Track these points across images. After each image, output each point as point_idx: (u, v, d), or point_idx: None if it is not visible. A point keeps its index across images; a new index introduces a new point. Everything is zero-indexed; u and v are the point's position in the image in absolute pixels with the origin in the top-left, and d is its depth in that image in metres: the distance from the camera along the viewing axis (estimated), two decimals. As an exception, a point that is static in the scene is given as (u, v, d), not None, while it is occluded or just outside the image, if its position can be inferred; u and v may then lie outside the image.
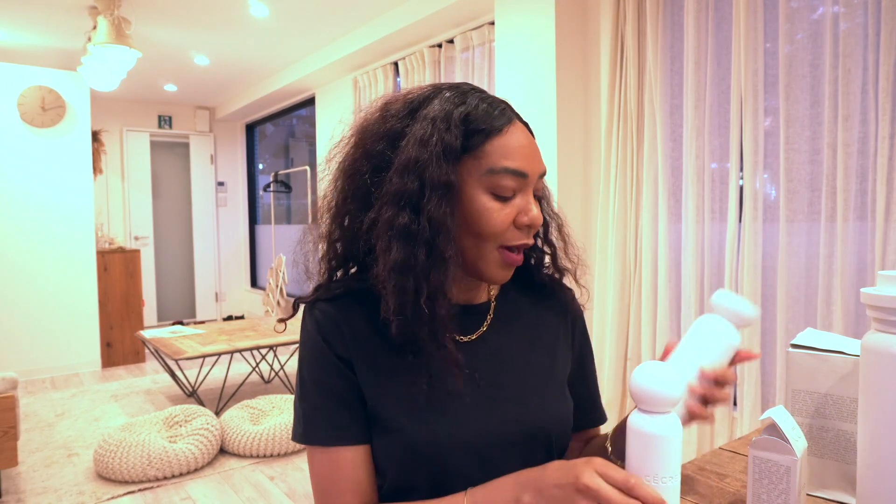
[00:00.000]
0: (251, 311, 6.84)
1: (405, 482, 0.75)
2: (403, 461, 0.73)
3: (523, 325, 0.84)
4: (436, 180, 0.69)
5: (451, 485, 0.73)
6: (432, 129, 0.71)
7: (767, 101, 2.26)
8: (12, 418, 2.52)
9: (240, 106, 6.11)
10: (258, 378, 4.33)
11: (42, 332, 4.56)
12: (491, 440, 0.75)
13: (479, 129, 0.72)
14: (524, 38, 2.89)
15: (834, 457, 0.75)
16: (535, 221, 0.72)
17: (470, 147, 0.72)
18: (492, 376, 0.78)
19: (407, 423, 0.73)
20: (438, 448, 0.73)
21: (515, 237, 0.73)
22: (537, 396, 0.79)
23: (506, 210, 0.72)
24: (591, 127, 2.88)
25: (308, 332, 0.76)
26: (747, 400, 2.31)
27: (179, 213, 6.81)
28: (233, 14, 3.77)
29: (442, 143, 0.70)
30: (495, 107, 0.74)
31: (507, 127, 0.73)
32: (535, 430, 0.77)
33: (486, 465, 0.75)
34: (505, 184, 0.71)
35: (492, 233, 0.72)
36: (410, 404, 0.74)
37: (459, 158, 0.72)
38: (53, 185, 4.56)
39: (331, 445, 0.73)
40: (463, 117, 0.72)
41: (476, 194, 0.72)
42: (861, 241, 2.02)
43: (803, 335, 0.81)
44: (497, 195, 0.72)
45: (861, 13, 1.97)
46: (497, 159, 0.71)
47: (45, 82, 4.51)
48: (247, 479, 2.76)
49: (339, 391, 0.74)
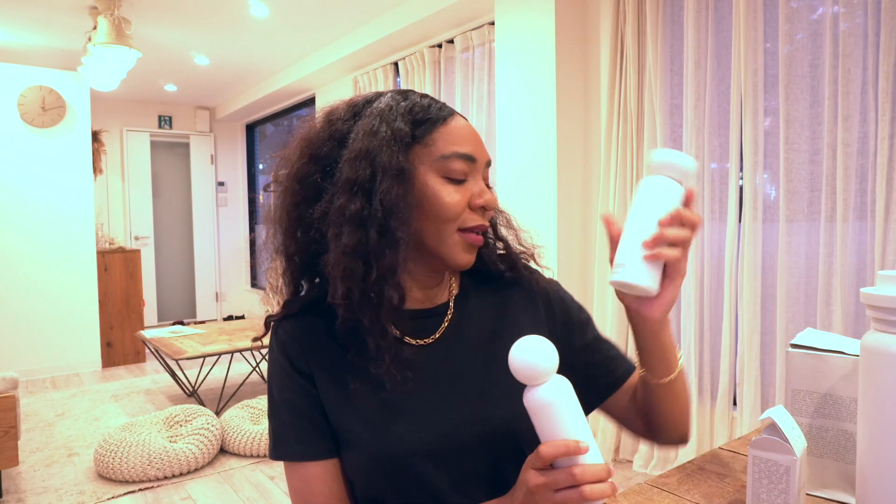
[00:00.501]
0: (251, 311, 6.84)
1: (374, 493, 0.75)
2: (369, 472, 0.74)
3: (485, 323, 0.83)
4: (387, 165, 0.71)
5: (418, 492, 0.73)
6: (380, 121, 0.74)
7: (767, 101, 2.26)
8: (13, 418, 2.53)
9: (240, 106, 6.11)
10: (258, 378, 4.33)
11: (42, 332, 4.57)
12: (451, 443, 0.74)
13: (425, 118, 0.75)
14: (524, 39, 2.89)
15: (834, 457, 0.75)
16: (489, 202, 0.75)
17: (418, 136, 0.75)
18: (451, 378, 0.78)
19: (365, 434, 0.74)
20: (399, 456, 0.73)
21: (472, 219, 0.75)
22: (499, 394, 0.77)
23: (460, 192, 0.74)
24: (591, 127, 2.88)
25: (272, 351, 0.79)
26: (747, 400, 2.32)
27: (179, 213, 6.81)
28: (233, 14, 3.77)
29: (391, 130, 0.73)
30: (436, 102, 0.79)
31: (450, 117, 0.77)
32: (498, 429, 0.76)
33: (451, 468, 0.74)
34: (456, 167, 0.74)
35: (449, 215, 0.74)
36: (367, 415, 0.74)
37: (409, 146, 0.74)
38: (53, 185, 4.56)
39: (299, 461, 0.75)
40: (408, 109, 0.76)
41: (429, 180, 0.74)
42: (861, 241, 2.03)
43: (803, 335, 0.81)
44: (450, 179, 0.74)
45: (861, 13, 1.97)
46: (446, 145, 0.74)
47: (45, 82, 4.51)
48: (247, 478, 2.77)
49: (304, 408, 0.76)
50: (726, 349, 2.39)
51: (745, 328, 2.32)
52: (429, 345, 0.80)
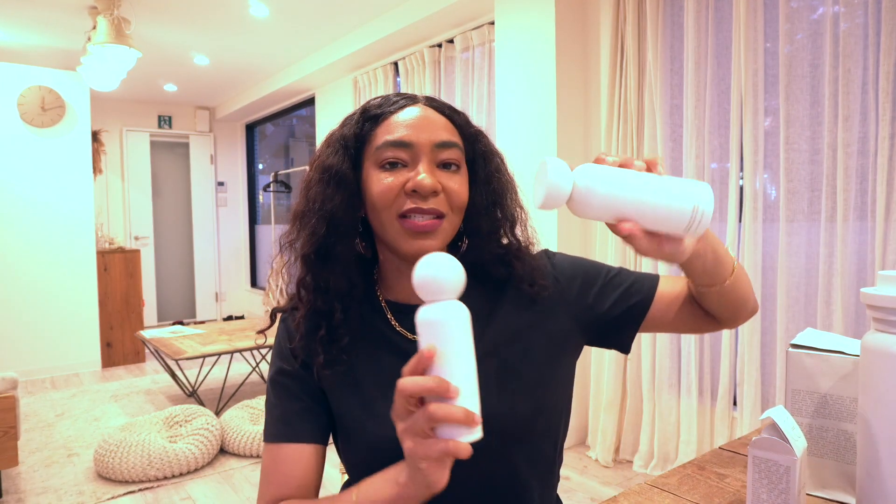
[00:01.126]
0: (251, 311, 6.84)
1: None
2: (368, 461, 0.74)
3: (485, 322, 0.82)
4: (333, 169, 0.77)
5: None
6: (339, 128, 0.81)
7: (767, 101, 2.26)
8: (12, 418, 2.52)
9: (240, 106, 6.11)
10: (258, 378, 4.33)
11: (42, 333, 4.56)
12: None
13: (371, 115, 0.78)
14: (524, 38, 2.89)
15: (834, 457, 0.75)
16: (417, 186, 0.73)
17: (364, 135, 0.78)
18: None
19: (367, 421, 0.76)
20: (397, 445, 0.73)
21: (405, 203, 0.74)
22: (498, 392, 0.77)
23: (391, 178, 0.74)
24: (591, 127, 2.87)
25: (277, 338, 0.83)
26: (747, 400, 2.31)
27: (179, 213, 6.81)
28: (233, 14, 3.77)
29: (341, 136, 0.78)
30: (391, 99, 0.79)
31: (401, 109, 0.77)
32: (494, 429, 0.75)
33: (454, 465, 0.74)
34: (387, 154, 0.75)
35: (379, 203, 0.75)
36: (369, 403, 0.76)
37: (359, 148, 0.78)
38: (53, 185, 4.56)
39: (273, 442, 0.78)
40: (361, 111, 0.79)
41: (370, 173, 0.76)
42: (861, 241, 2.02)
43: (803, 335, 0.81)
44: (383, 167, 0.75)
45: (861, 13, 1.97)
46: (381, 136, 0.76)
47: (45, 82, 4.51)
48: (247, 479, 2.76)
49: (295, 391, 0.79)
50: (726, 349, 2.39)
51: (746, 328, 2.32)
52: None
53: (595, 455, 2.84)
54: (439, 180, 0.75)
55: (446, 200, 0.75)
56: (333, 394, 0.79)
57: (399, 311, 0.82)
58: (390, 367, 0.75)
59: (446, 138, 0.76)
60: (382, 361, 0.79)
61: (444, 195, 0.75)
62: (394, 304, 0.83)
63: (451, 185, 0.76)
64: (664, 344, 2.62)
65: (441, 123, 0.77)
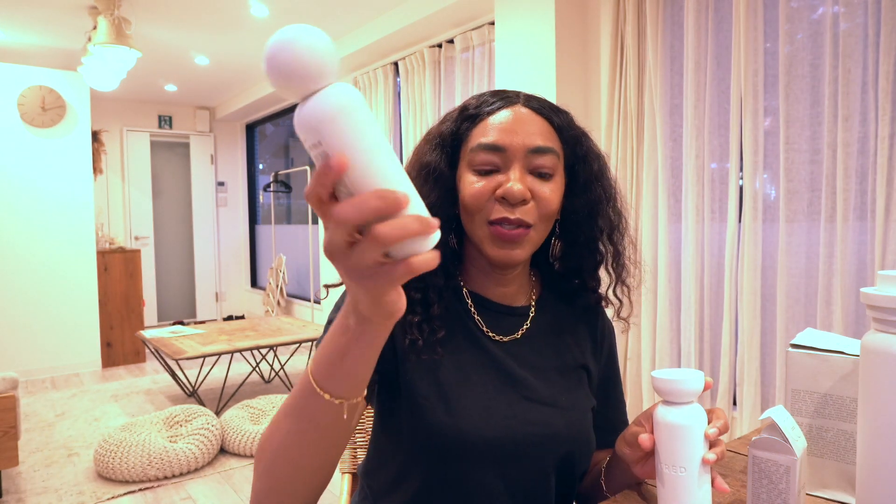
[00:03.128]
0: (251, 311, 6.84)
1: (415, 468, 0.75)
2: (427, 448, 0.74)
3: (558, 334, 0.85)
4: (431, 167, 0.76)
5: (462, 474, 0.74)
6: (436, 127, 0.80)
7: (767, 101, 2.26)
8: (12, 418, 2.52)
9: (240, 106, 6.10)
10: (258, 378, 4.33)
11: (42, 332, 4.56)
12: (510, 438, 0.75)
13: (468, 115, 0.77)
14: (524, 39, 2.89)
15: (834, 457, 0.75)
16: (507, 193, 0.71)
17: (461, 134, 0.77)
18: (522, 378, 0.79)
19: (438, 404, 0.75)
20: (461, 432, 0.74)
21: (496, 211, 0.73)
22: (562, 406, 0.79)
23: (482, 183, 0.74)
24: (591, 127, 2.85)
25: None
26: (747, 400, 2.31)
27: (179, 213, 6.81)
28: (233, 14, 3.77)
29: (439, 135, 0.78)
30: (494, 97, 0.78)
31: (499, 111, 0.76)
32: (558, 436, 0.78)
33: (503, 461, 0.75)
34: (479, 158, 0.74)
35: (470, 206, 0.74)
36: (444, 387, 0.76)
37: (456, 147, 0.77)
38: (53, 185, 4.56)
39: None
40: (459, 109, 0.79)
41: (464, 175, 0.76)
42: (861, 241, 2.02)
43: (803, 335, 0.81)
44: (477, 171, 0.74)
45: (861, 13, 1.97)
46: (476, 138, 0.75)
47: (45, 82, 4.51)
48: (247, 479, 2.76)
49: None
50: (726, 349, 2.39)
51: (745, 328, 2.32)
52: (508, 342, 0.81)
53: (595, 455, 2.83)
54: (530, 187, 0.73)
55: (535, 208, 0.73)
56: (411, 372, 0.76)
57: (481, 306, 0.82)
58: (471, 361, 0.78)
59: (541, 143, 0.74)
60: (464, 354, 0.79)
61: (535, 203, 0.73)
62: (476, 296, 0.83)
63: (543, 193, 0.74)
64: (664, 344, 2.62)
65: (537, 127, 0.75)
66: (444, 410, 0.74)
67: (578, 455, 0.80)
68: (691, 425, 0.61)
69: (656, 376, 0.63)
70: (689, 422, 0.61)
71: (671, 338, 2.61)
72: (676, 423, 0.61)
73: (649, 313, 2.63)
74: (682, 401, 0.62)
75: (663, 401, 0.64)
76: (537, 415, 0.77)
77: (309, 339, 3.79)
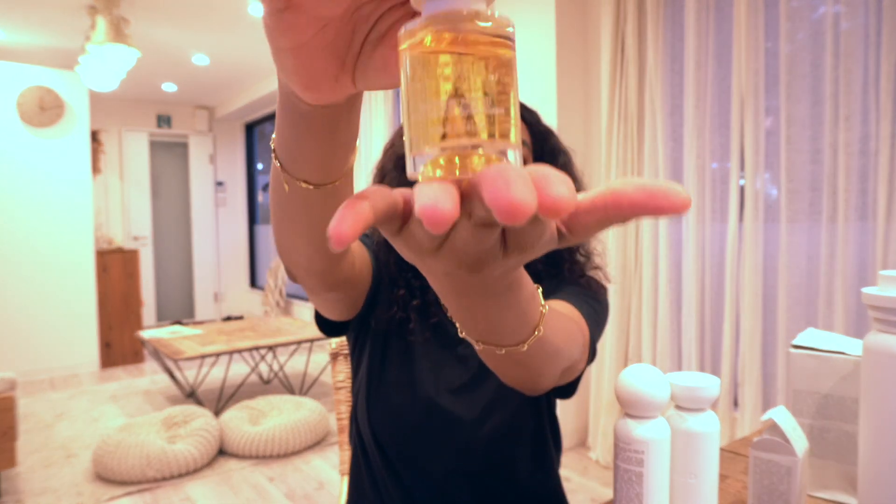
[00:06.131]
0: (250, 312, 6.84)
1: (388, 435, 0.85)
2: (391, 419, 0.84)
3: None
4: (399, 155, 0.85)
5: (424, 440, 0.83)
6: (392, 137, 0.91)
7: (768, 101, 2.25)
8: (11, 419, 2.52)
9: (239, 106, 6.10)
10: (257, 378, 4.32)
11: (41, 333, 4.56)
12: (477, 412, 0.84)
13: None
14: (524, 39, 2.89)
15: (835, 457, 0.75)
16: None
17: None
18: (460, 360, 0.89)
19: (401, 384, 0.85)
20: (426, 395, 0.83)
21: None
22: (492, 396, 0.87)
23: None
24: (592, 127, 2.87)
25: None
26: (748, 400, 2.31)
27: (178, 213, 6.80)
28: (232, 14, 3.77)
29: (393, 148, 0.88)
30: None
31: None
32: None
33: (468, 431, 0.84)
34: None
35: None
36: (411, 372, 0.85)
37: None
38: (52, 185, 4.55)
39: None
40: None
41: None
42: (862, 242, 2.02)
43: (804, 335, 0.81)
44: None
45: (862, 13, 1.96)
46: None
47: (43, 82, 4.50)
48: (246, 479, 2.76)
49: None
50: (727, 349, 2.39)
51: (747, 328, 2.31)
52: None
53: (596, 456, 2.83)
54: None
55: None
56: (382, 337, 0.86)
57: None
58: (439, 351, 0.86)
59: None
60: (432, 343, 0.87)
61: None
62: None
63: None
64: (665, 344, 2.61)
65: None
66: (396, 392, 0.85)
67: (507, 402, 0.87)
68: (709, 433, 0.62)
69: (672, 381, 0.63)
70: (707, 429, 0.62)
71: (672, 338, 2.61)
72: (694, 430, 0.61)
73: (650, 313, 2.62)
74: (698, 407, 0.62)
75: (676, 405, 0.64)
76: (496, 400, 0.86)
77: (308, 339, 3.79)
